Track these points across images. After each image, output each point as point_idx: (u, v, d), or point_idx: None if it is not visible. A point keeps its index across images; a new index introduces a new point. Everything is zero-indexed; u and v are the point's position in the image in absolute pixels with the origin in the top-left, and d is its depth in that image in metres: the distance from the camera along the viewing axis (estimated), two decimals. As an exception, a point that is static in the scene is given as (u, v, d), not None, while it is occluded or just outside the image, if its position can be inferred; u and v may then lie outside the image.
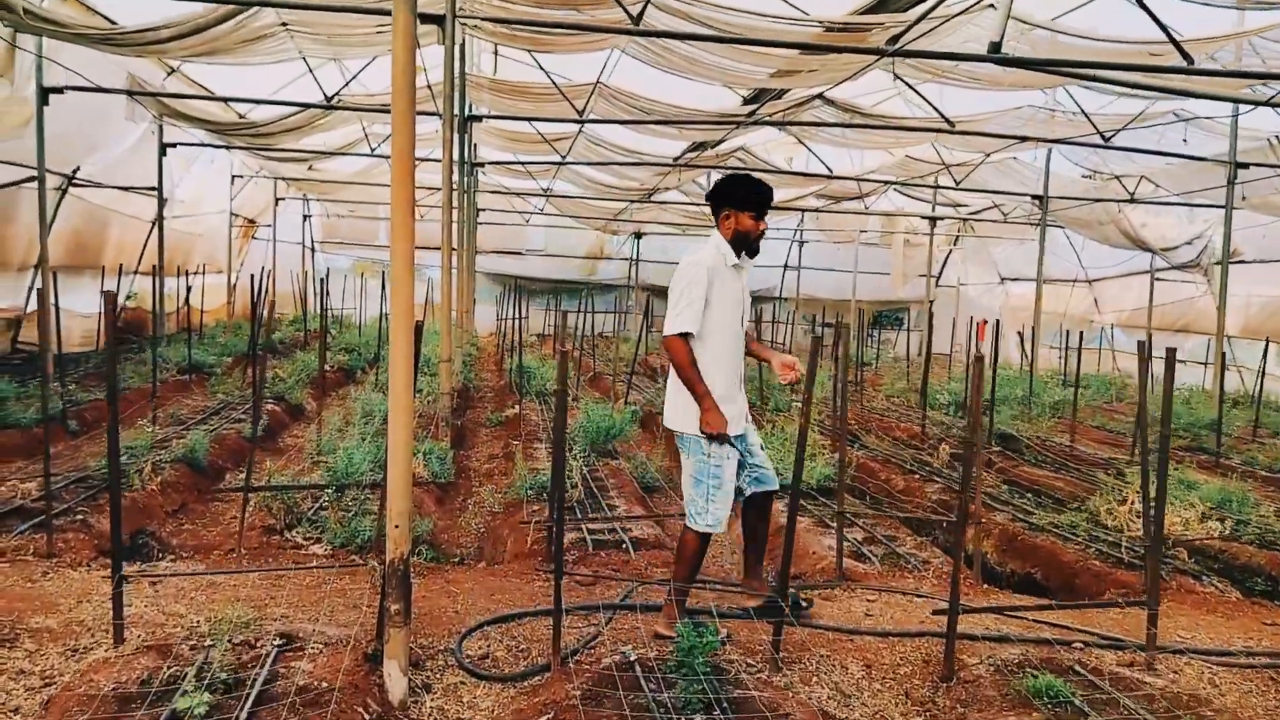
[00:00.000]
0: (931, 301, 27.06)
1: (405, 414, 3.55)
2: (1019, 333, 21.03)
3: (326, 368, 12.11)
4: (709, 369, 4.09)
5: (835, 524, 5.53)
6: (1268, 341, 15.03)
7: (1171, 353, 4.08)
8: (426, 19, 8.05)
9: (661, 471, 8.41)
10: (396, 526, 3.56)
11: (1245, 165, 12.35)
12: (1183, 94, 8.18)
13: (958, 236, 25.26)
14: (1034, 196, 16.06)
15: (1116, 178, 16.10)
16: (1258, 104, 8.25)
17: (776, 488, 4.40)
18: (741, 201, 4.15)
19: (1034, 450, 9.94)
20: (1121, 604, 4.39)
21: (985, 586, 5.38)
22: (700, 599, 4.52)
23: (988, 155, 15.64)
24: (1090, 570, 5.68)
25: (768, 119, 11.90)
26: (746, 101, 12.35)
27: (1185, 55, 7.71)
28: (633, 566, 5.04)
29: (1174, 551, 5.83)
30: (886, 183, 17.43)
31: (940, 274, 21.95)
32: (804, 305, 25.28)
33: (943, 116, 11.85)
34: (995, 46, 7.69)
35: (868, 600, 4.86)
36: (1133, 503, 6.13)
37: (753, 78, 10.73)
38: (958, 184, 16.37)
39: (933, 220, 19.58)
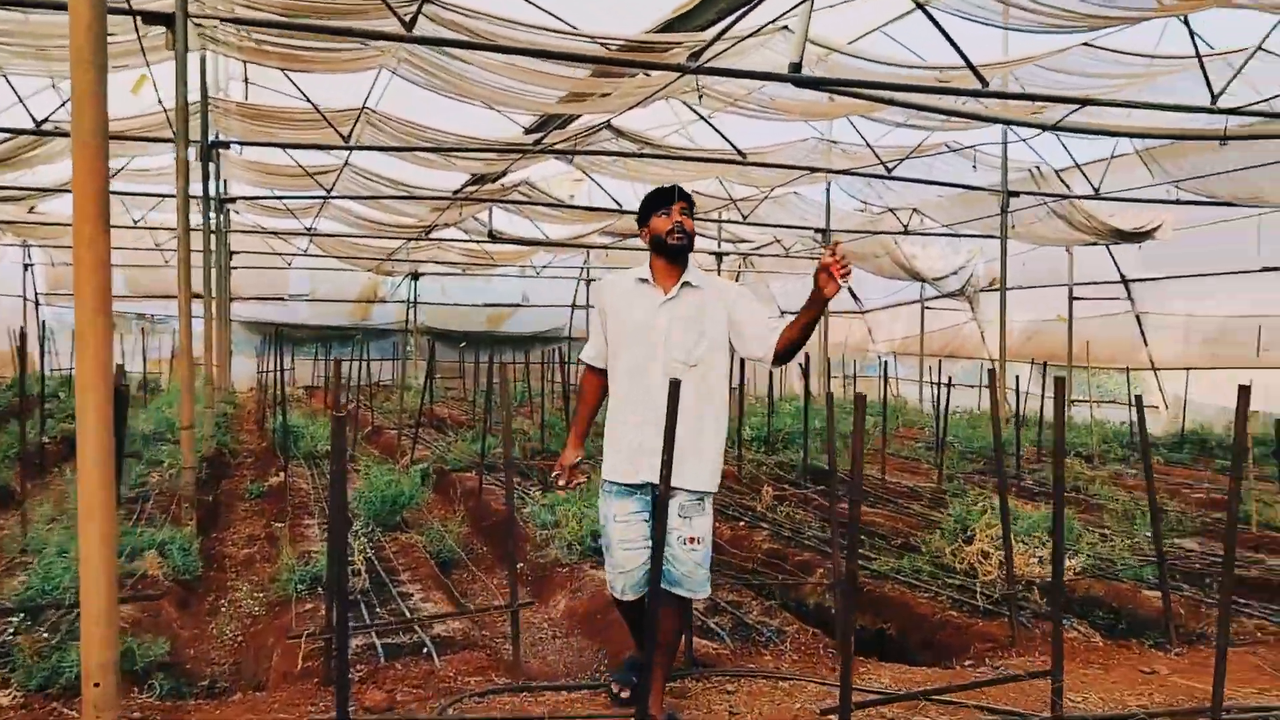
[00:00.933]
0: (715, 337, 27.35)
1: (102, 521, 2.44)
2: (800, 364, 21.33)
3: (47, 439, 10.25)
4: (616, 408, 3.68)
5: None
6: (1039, 363, 15.69)
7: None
8: (152, 18, 6.76)
9: (461, 540, 7.37)
10: (96, 685, 2.44)
11: (1016, 194, 12.79)
12: (976, 118, 8.13)
13: (739, 273, 25.52)
14: (817, 230, 16.20)
15: (891, 210, 16.52)
16: (1044, 128, 8.32)
17: (681, 594, 3.63)
18: (647, 211, 3.69)
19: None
20: (1024, 677, 3.82)
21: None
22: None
23: (770, 190, 15.63)
24: (951, 623, 5.17)
25: (554, 148, 11.18)
26: (529, 131, 11.61)
27: (980, 78, 7.61)
28: (440, 679, 4.03)
29: (1022, 593, 5.43)
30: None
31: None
32: (591, 345, 24.70)
33: (734, 147, 11.55)
34: (795, 67, 7.32)
35: (726, 692, 4.08)
36: (980, 543, 5.71)
37: (540, 102, 9.98)
38: (745, 218, 16.28)
39: (719, 256, 19.52)
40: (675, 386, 2.99)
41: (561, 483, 3.98)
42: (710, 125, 11.41)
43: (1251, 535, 7.89)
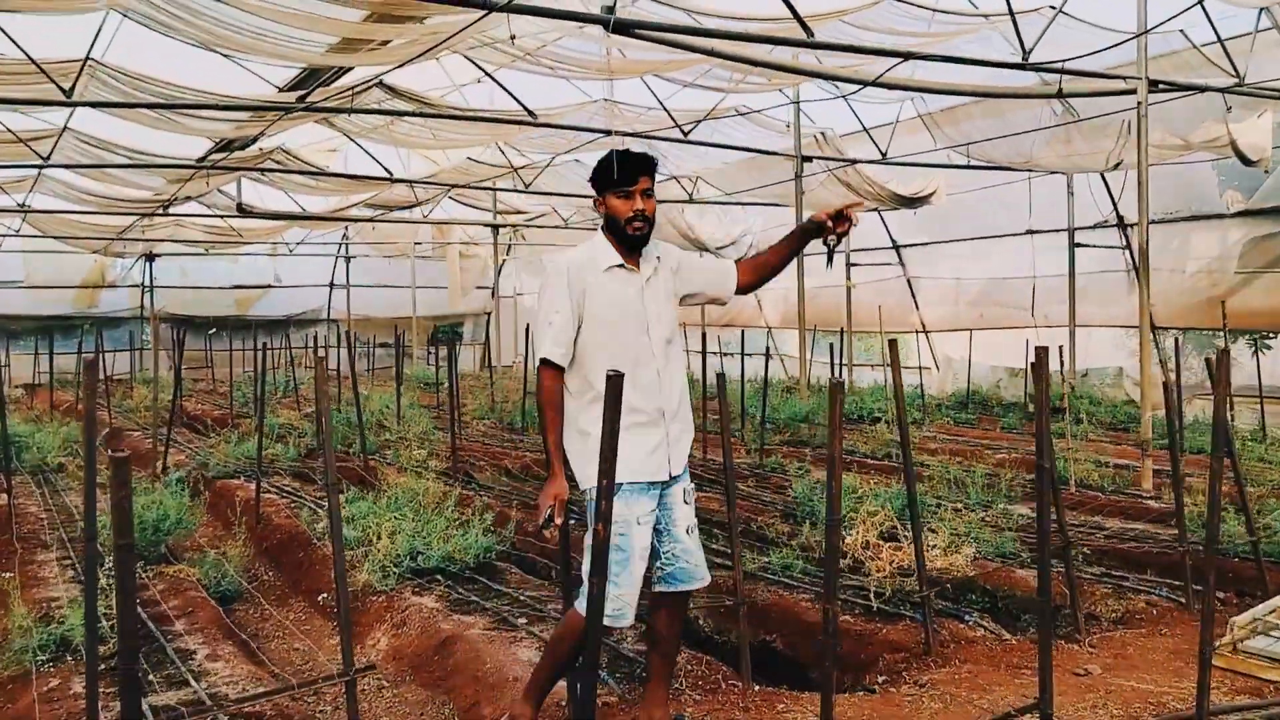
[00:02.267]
0: (489, 314, 26.23)
1: None
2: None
3: None
4: (599, 407, 2.80)
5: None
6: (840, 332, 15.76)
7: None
8: None
9: (244, 568, 6.13)
10: None
11: (809, 159, 12.61)
12: (802, 73, 7.65)
13: (510, 245, 24.52)
14: (603, 198, 15.54)
15: (674, 178, 16.09)
16: (866, 83, 7.95)
17: (696, 586, 3.42)
18: (604, 183, 3.30)
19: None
20: (1014, 716, 3.24)
21: (757, 688, 4.03)
22: None
23: (553, 157, 14.75)
24: (848, 631, 4.60)
25: (325, 107, 9.80)
26: (284, 89, 10.12)
27: (806, 28, 7.10)
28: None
29: (909, 586, 4.96)
30: (452, 186, 15.92)
31: (496, 285, 20.99)
32: (357, 326, 22.98)
33: (524, 107, 10.60)
34: (609, 9, 6.55)
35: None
36: (862, 532, 5.19)
37: (304, 52, 8.60)
38: (527, 186, 15.32)
39: (495, 229, 18.47)
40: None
41: (558, 520, 3.21)
42: (497, 82, 10.39)
43: (1072, 496, 7.94)
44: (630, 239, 3.28)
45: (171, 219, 17.29)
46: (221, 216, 17.05)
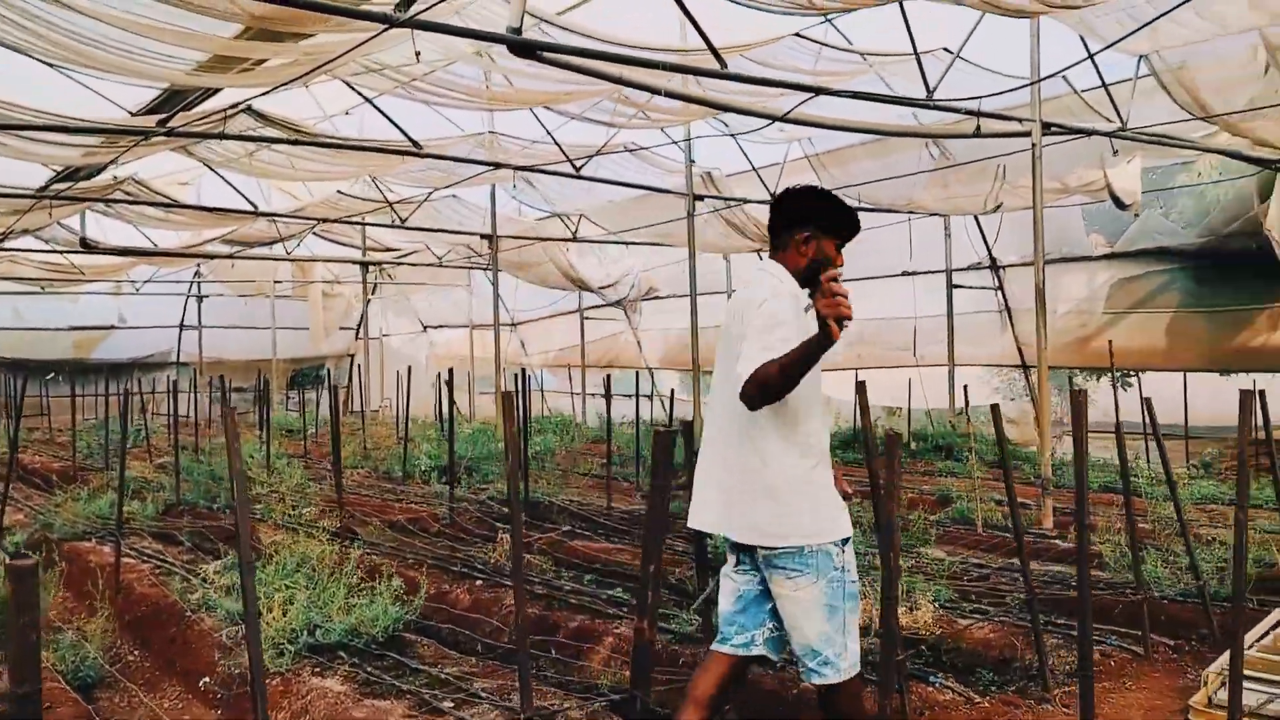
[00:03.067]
0: (352, 355, 25.14)
1: None
2: (446, 382, 19.87)
3: None
4: (813, 456, 3.05)
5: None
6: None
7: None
8: None
9: (106, 648, 5.33)
10: None
11: (701, 198, 12.46)
12: (717, 106, 7.41)
13: (376, 284, 23.59)
14: (483, 235, 15.01)
15: (559, 216, 15.73)
16: (774, 119, 7.79)
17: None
18: (831, 223, 3.15)
19: (569, 515, 8.54)
20: None
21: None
22: None
23: (431, 191, 14.17)
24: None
25: (190, 131, 9.01)
26: (139, 114, 9.28)
27: (719, 58, 6.89)
28: None
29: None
30: (320, 220, 15.08)
31: (360, 325, 20.14)
32: (210, 369, 21.57)
33: (408, 137, 10.04)
34: (516, 31, 6.17)
35: None
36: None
37: (168, 70, 7.85)
38: (404, 221, 14.64)
39: (365, 266, 17.66)
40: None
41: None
42: (379, 110, 9.80)
43: (980, 538, 7.87)
44: (812, 285, 3.03)
45: (5, 254, 15.80)
46: (61, 252, 15.69)
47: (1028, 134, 8.42)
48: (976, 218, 13.68)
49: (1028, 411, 14.98)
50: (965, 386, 13.75)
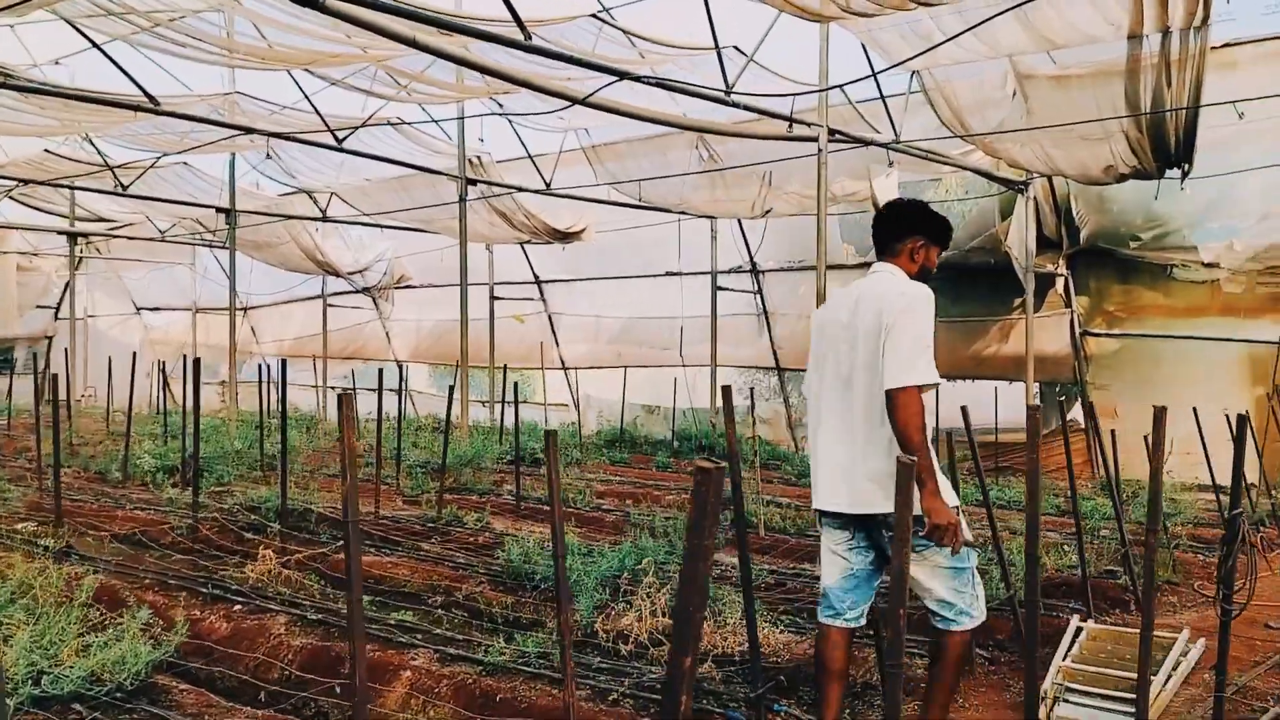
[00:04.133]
0: (49, 338, 22.26)
1: None
2: (160, 367, 17.86)
3: None
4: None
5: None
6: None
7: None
8: None
9: None
10: None
11: (474, 182, 11.78)
12: (516, 81, 6.84)
13: (81, 259, 20.92)
14: (220, 209, 13.51)
15: (305, 192, 14.47)
16: (576, 101, 7.30)
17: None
18: (937, 234, 3.67)
19: (331, 524, 7.69)
20: None
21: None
22: None
23: (159, 157, 12.54)
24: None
25: None
26: None
27: (524, 29, 6.36)
28: None
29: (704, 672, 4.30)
30: (24, 182, 12.98)
31: (70, 305, 17.75)
32: None
33: (142, 90, 8.70)
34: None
35: None
36: (643, 606, 4.43)
37: None
38: (125, 189, 12.88)
39: (72, 237, 15.49)
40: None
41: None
42: (109, 58, 8.41)
43: (763, 540, 7.81)
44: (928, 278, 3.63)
45: None
46: None
47: (815, 139, 8.48)
48: (740, 222, 13.89)
49: (780, 412, 15.46)
50: (726, 387, 13.92)
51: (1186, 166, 9.09)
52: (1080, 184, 10.47)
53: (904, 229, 3.59)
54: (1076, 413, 12.66)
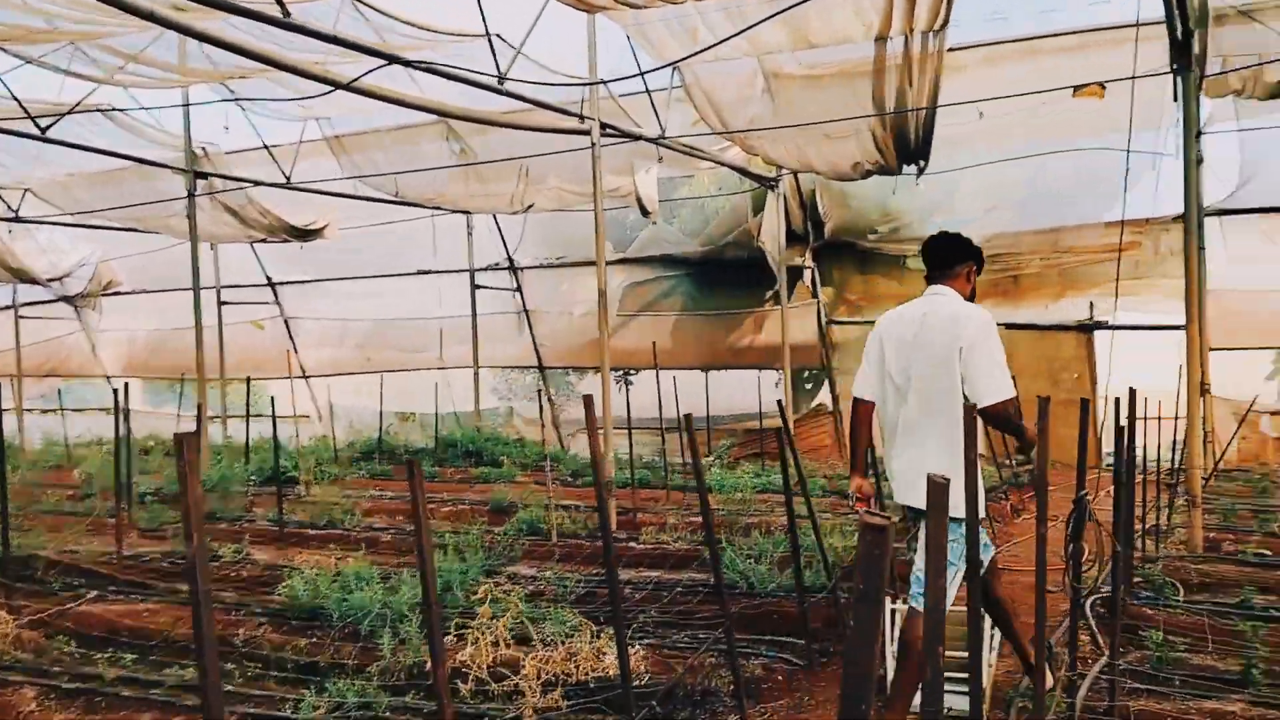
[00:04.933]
0: None
1: None
2: None
3: None
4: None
5: None
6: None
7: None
8: None
9: None
10: None
11: (204, 175, 10.63)
12: (273, 64, 6.12)
13: None
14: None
15: (-8, 188, 12.56)
16: (339, 86, 6.61)
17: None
18: (981, 261, 4.12)
19: (65, 571, 6.63)
20: None
21: None
22: None
23: None
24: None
25: None
26: None
27: (283, 6, 5.72)
28: None
29: (553, 703, 3.95)
30: None
31: None
32: None
33: None
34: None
35: None
36: (486, 639, 4.01)
37: None
38: None
39: None
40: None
41: None
42: None
43: (555, 547, 7.54)
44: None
45: None
46: None
47: (587, 132, 8.30)
48: (496, 218, 13.52)
49: (545, 410, 15.23)
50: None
51: (923, 163, 9.71)
52: (829, 180, 10.95)
53: (961, 255, 4.01)
54: (824, 397, 13.36)
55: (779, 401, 5.98)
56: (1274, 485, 8.89)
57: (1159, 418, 7.64)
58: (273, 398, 8.29)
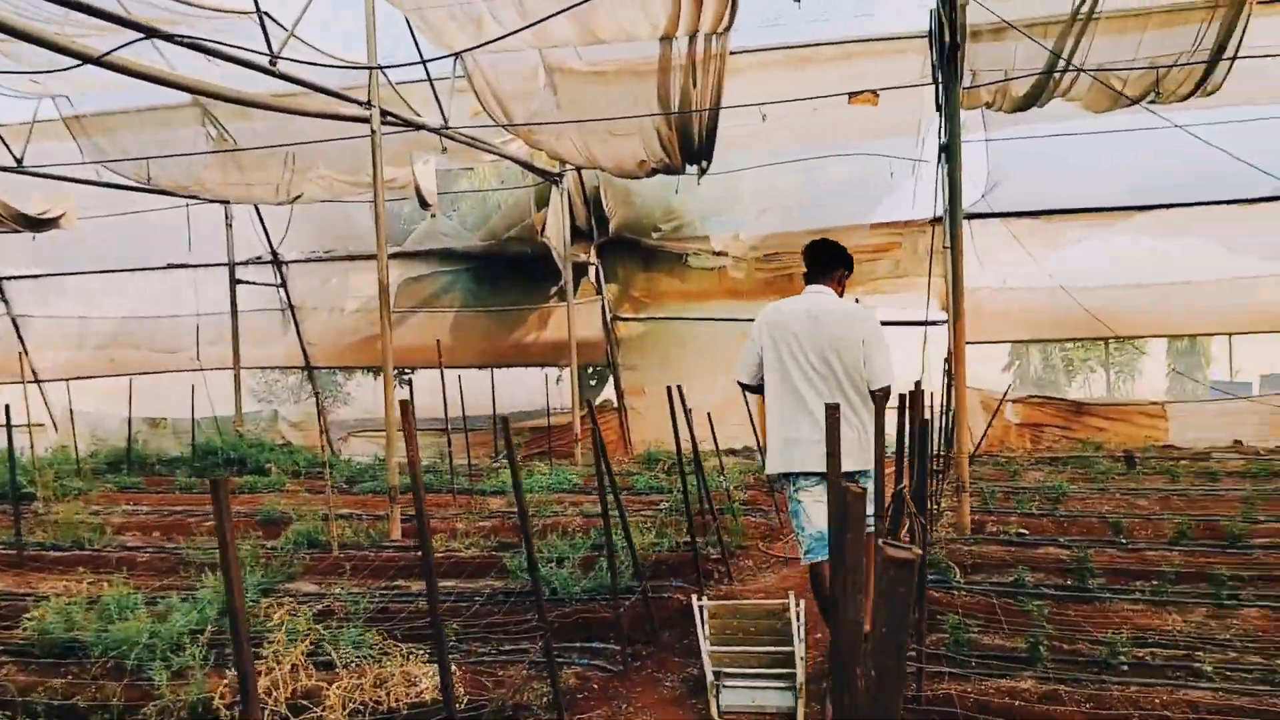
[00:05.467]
0: None
1: None
2: None
3: None
4: None
5: None
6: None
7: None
8: None
9: None
10: None
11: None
12: (21, 35, 5.34)
13: None
14: None
15: None
16: (89, 60, 5.81)
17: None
18: (851, 268, 4.68)
19: None
20: None
21: None
22: None
23: None
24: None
25: None
26: None
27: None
28: None
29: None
30: None
31: None
32: None
33: None
34: None
35: None
36: (284, 669, 3.61)
37: None
38: None
39: None
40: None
41: None
42: None
43: (336, 559, 7.08)
44: None
45: None
46: None
47: (367, 120, 7.86)
48: (258, 208, 12.64)
49: (311, 414, 14.42)
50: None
51: (706, 163, 9.89)
52: (615, 178, 10.96)
53: (839, 261, 4.58)
54: (609, 393, 13.40)
55: (589, 401, 5.88)
56: (1023, 469, 9.69)
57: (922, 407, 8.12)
58: (6, 406, 7.29)
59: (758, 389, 4.59)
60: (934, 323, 11.79)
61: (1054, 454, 10.93)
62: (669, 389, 6.06)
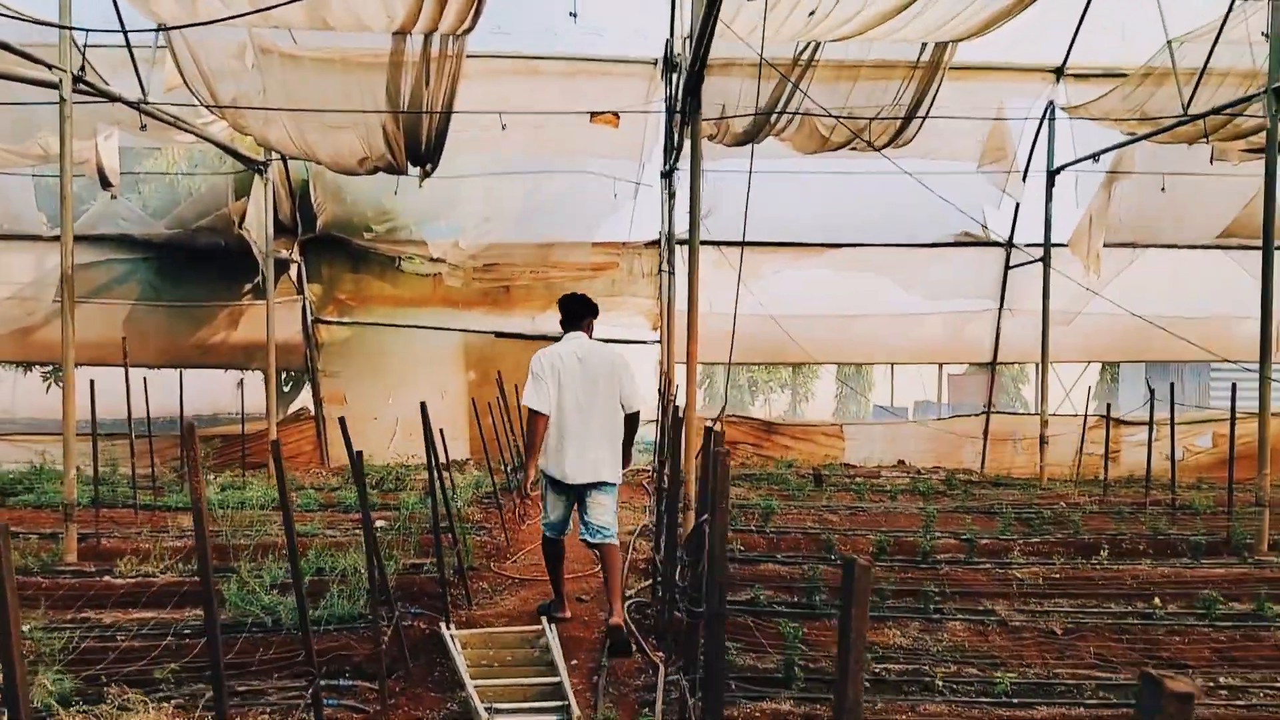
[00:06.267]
0: None
1: None
2: None
3: None
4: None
5: None
6: None
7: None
8: None
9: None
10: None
11: None
12: None
13: None
14: None
15: None
16: None
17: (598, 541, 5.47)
18: (596, 315, 5.78)
19: None
20: None
21: None
22: None
23: None
24: None
25: None
26: None
27: None
28: None
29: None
30: None
31: None
32: None
33: None
34: None
35: None
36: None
37: None
38: None
39: None
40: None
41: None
42: None
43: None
44: None
45: None
46: None
47: (56, 85, 6.83)
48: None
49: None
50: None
51: (431, 166, 9.57)
52: (329, 172, 10.29)
53: (589, 311, 5.68)
54: (305, 399, 12.58)
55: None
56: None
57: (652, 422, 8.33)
58: None
59: (545, 414, 5.37)
60: (643, 342, 12.18)
61: (748, 470, 11.60)
62: (422, 404, 5.76)
